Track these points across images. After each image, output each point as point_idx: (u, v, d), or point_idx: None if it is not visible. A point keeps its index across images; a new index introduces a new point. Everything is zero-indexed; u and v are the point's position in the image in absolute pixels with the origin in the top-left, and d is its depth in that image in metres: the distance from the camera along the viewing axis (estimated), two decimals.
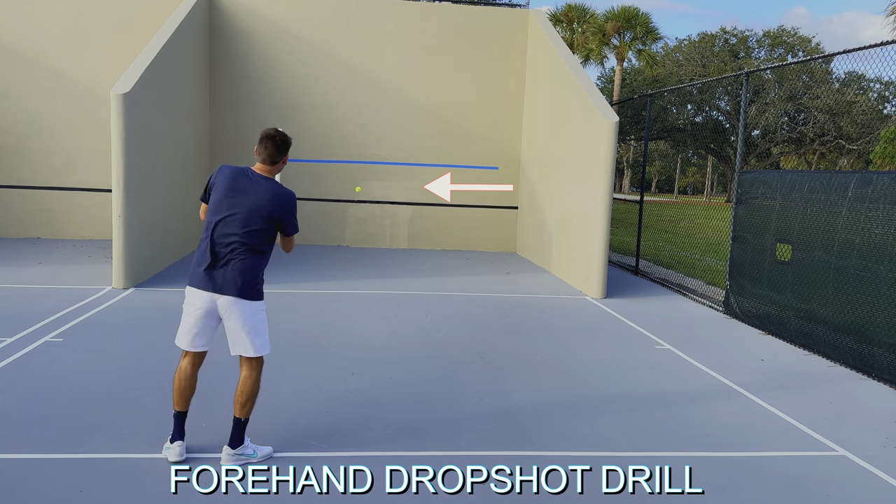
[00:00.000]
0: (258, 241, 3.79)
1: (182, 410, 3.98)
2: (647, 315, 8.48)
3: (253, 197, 3.78)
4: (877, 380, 6.10)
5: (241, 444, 3.90)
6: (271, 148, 3.87)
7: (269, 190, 3.81)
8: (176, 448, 3.90)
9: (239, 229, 3.74)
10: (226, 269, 3.74)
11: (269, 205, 3.78)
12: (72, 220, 13.02)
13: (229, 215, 3.75)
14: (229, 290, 3.74)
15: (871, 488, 4.02)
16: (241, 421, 3.89)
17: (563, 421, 4.84)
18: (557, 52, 11.67)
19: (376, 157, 13.64)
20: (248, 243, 3.77)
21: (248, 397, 3.88)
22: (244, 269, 3.76)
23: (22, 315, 7.02)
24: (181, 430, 3.96)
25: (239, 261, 3.75)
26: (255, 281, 3.82)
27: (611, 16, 35.00)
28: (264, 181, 3.84)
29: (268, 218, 3.78)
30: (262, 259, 3.85)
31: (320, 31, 13.31)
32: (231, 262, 3.74)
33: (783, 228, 7.50)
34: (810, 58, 7.90)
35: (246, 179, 3.83)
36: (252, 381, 3.90)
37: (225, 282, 3.74)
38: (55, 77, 12.75)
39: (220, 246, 3.75)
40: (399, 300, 8.76)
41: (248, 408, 3.89)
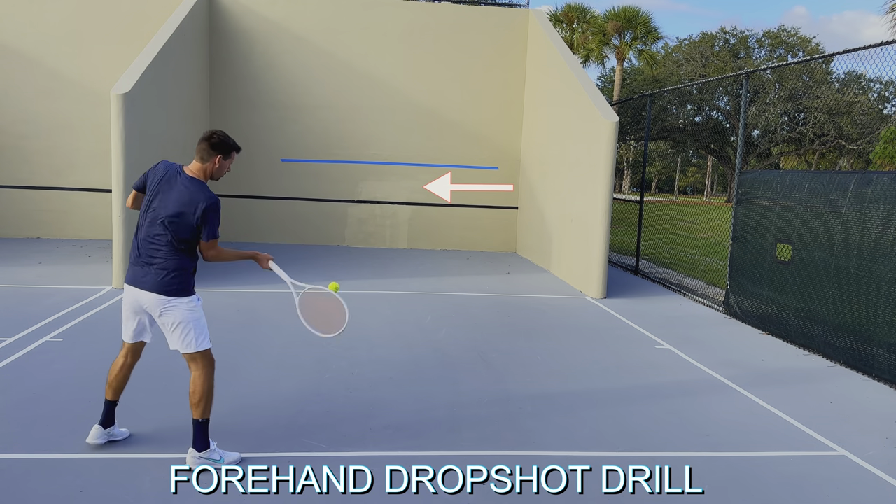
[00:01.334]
0: (180, 238, 3.75)
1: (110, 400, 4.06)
2: (647, 315, 8.48)
3: (179, 194, 3.75)
4: (877, 380, 6.10)
5: (207, 449, 3.85)
6: (203, 145, 3.86)
7: (194, 190, 3.77)
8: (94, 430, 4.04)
9: (162, 227, 3.74)
10: (150, 267, 3.77)
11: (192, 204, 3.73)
12: (72, 220, 13.02)
13: (156, 213, 3.76)
14: (152, 286, 3.76)
15: (871, 488, 4.02)
16: (198, 422, 3.82)
17: (563, 421, 4.84)
18: (557, 52, 11.67)
19: (376, 157, 13.64)
20: (171, 240, 3.75)
21: (199, 397, 3.81)
22: (168, 266, 3.76)
23: (22, 315, 7.02)
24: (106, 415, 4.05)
25: (163, 257, 3.76)
26: (180, 278, 3.79)
27: (611, 16, 35.00)
28: (191, 181, 3.80)
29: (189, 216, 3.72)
30: (186, 257, 3.81)
31: (320, 31, 13.31)
32: (156, 259, 3.76)
33: (783, 228, 7.50)
34: (810, 58, 7.90)
35: (175, 178, 3.81)
36: (201, 380, 3.82)
37: (149, 279, 3.76)
38: (55, 77, 12.75)
39: (146, 244, 3.79)
40: (399, 300, 8.76)
41: (201, 407, 3.82)
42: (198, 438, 3.84)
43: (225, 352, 6.16)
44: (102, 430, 4.04)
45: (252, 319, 7.39)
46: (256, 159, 13.38)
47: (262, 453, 4.08)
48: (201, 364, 3.85)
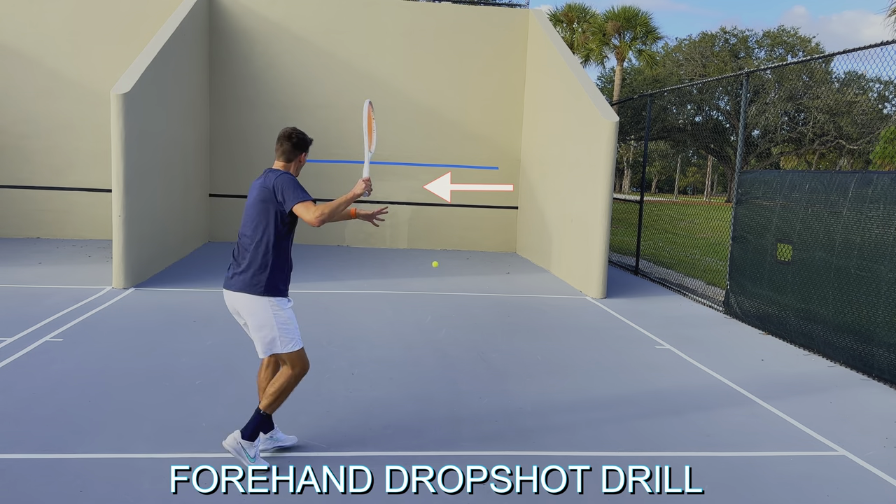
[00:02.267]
0: (261, 233, 3.74)
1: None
2: (647, 315, 8.48)
3: (256, 186, 3.83)
4: (877, 380, 6.10)
5: (250, 442, 3.80)
6: (286, 145, 3.94)
7: (263, 177, 3.83)
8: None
9: (245, 226, 3.81)
10: (237, 267, 3.80)
11: (262, 184, 3.77)
12: (72, 220, 13.02)
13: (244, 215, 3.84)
14: (239, 286, 3.77)
15: (871, 488, 4.02)
16: (259, 412, 3.80)
17: (563, 421, 4.84)
18: (557, 51, 11.67)
19: (376, 157, 13.45)
20: (251, 237, 3.77)
21: (275, 389, 3.78)
22: (252, 265, 3.76)
23: (22, 315, 7.02)
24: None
25: (249, 258, 3.77)
26: (264, 276, 3.74)
27: (611, 16, 34.99)
28: (267, 171, 3.87)
29: (263, 199, 3.73)
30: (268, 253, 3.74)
31: (320, 31, 13.31)
32: (242, 259, 3.79)
33: (784, 228, 7.50)
34: (810, 58, 7.90)
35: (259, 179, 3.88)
36: (285, 378, 3.79)
37: (237, 280, 3.78)
38: (55, 77, 12.75)
39: (237, 246, 3.84)
40: (399, 300, 8.76)
41: (270, 400, 3.79)
42: (249, 427, 3.80)
43: (225, 352, 6.17)
44: (263, 436, 4.01)
45: None
46: (256, 159, 13.36)
47: (262, 453, 4.08)
48: (292, 365, 3.81)
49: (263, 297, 3.75)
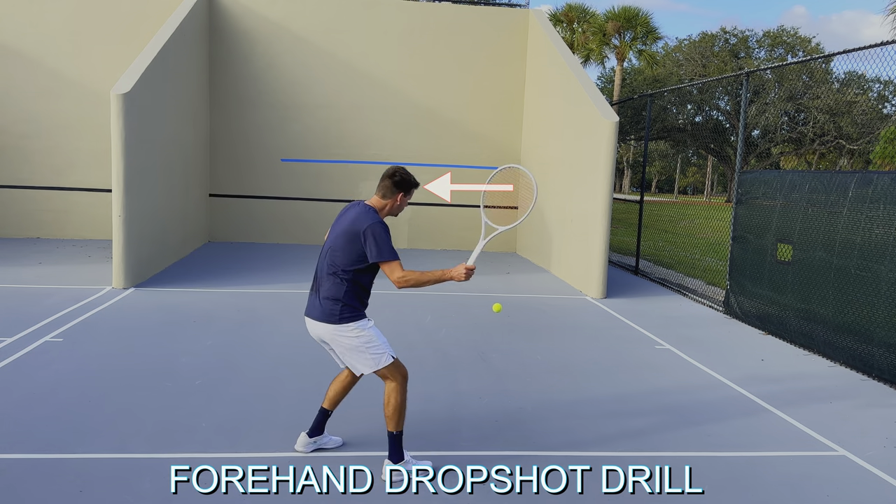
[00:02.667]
0: (341, 265, 3.73)
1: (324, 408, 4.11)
2: (647, 315, 8.48)
3: (345, 221, 3.82)
4: (877, 380, 6.10)
5: (402, 460, 3.82)
6: (387, 183, 3.84)
7: (359, 211, 3.80)
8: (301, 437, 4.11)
9: (327, 256, 3.81)
10: (317, 296, 3.81)
11: (355, 223, 3.73)
12: (72, 220, 13.02)
13: (327, 245, 3.85)
14: (319, 315, 3.78)
15: (871, 488, 4.02)
16: (392, 434, 3.81)
17: (563, 421, 4.84)
18: (557, 51, 11.67)
19: (376, 157, 13.64)
20: (336, 268, 3.75)
21: (392, 409, 3.78)
22: (334, 295, 3.75)
23: (22, 315, 7.02)
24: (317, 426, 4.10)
25: (326, 287, 3.78)
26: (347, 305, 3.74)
27: (611, 16, 35.00)
28: (360, 205, 3.84)
29: (351, 236, 3.72)
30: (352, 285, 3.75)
31: (320, 31, 13.31)
32: (323, 288, 3.79)
33: (784, 228, 7.50)
34: (810, 58, 7.90)
35: (348, 210, 3.89)
36: (394, 393, 3.78)
37: (319, 309, 3.78)
38: (55, 77, 12.75)
39: (319, 275, 3.86)
40: (399, 300, 8.76)
41: (395, 420, 3.78)
42: (392, 451, 3.82)
43: (225, 352, 6.17)
44: (309, 439, 4.08)
45: (252, 319, 7.40)
46: (256, 159, 13.39)
47: (263, 453, 4.08)
48: (393, 379, 3.81)
49: (352, 325, 3.75)
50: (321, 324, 3.77)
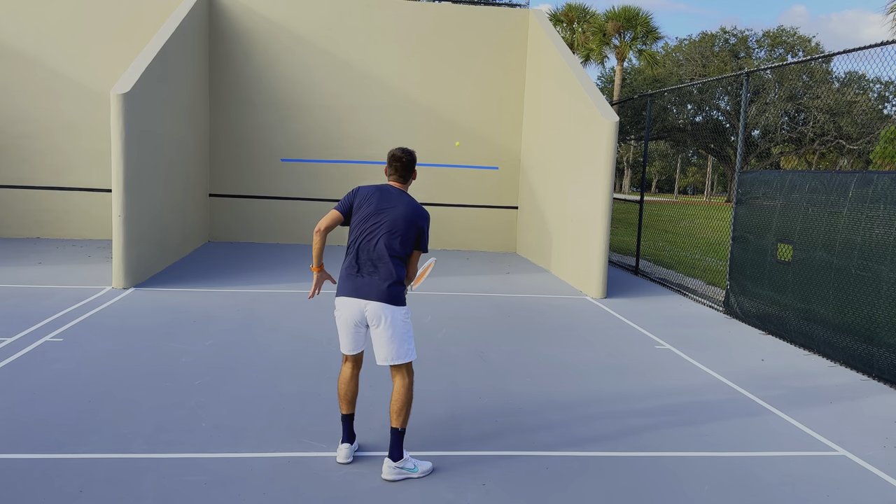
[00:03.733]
0: (401, 249, 3.89)
1: (347, 413, 4.05)
2: (647, 315, 8.48)
3: (401, 208, 3.92)
4: (877, 380, 6.10)
5: (402, 458, 3.85)
6: (401, 165, 4.04)
7: (413, 204, 3.99)
8: (343, 450, 4.01)
9: (386, 238, 3.86)
10: (372, 277, 3.84)
11: (415, 216, 3.94)
12: (72, 220, 13.02)
13: (375, 226, 3.88)
14: (376, 296, 3.81)
15: (871, 488, 4.02)
16: (397, 431, 3.84)
17: (563, 421, 4.84)
18: (557, 51, 11.67)
19: (376, 157, 13.64)
20: (394, 251, 3.86)
21: (401, 405, 3.84)
22: (390, 276, 3.83)
23: (22, 315, 7.02)
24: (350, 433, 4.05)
25: (384, 268, 3.84)
26: (400, 287, 3.89)
27: (611, 16, 34.98)
28: (406, 196, 4.02)
29: (411, 226, 3.91)
30: (403, 267, 3.93)
31: (320, 31, 13.31)
32: (379, 269, 3.84)
33: (784, 228, 7.50)
34: (810, 58, 7.89)
35: (390, 194, 3.98)
36: (406, 389, 3.86)
37: (373, 289, 3.82)
38: (55, 77, 12.75)
39: (368, 255, 3.87)
40: None
41: (402, 417, 3.84)
42: (395, 448, 3.84)
43: (225, 352, 6.17)
44: (350, 446, 4.05)
45: (252, 319, 7.40)
46: (256, 159, 13.39)
47: (263, 453, 4.08)
48: (407, 374, 3.88)
49: (402, 308, 3.88)
50: (379, 303, 3.79)
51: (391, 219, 3.88)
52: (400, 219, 3.88)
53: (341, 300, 3.90)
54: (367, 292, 3.82)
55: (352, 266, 3.89)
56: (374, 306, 3.80)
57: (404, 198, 3.98)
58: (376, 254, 3.85)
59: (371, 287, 3.82)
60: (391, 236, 3.86)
